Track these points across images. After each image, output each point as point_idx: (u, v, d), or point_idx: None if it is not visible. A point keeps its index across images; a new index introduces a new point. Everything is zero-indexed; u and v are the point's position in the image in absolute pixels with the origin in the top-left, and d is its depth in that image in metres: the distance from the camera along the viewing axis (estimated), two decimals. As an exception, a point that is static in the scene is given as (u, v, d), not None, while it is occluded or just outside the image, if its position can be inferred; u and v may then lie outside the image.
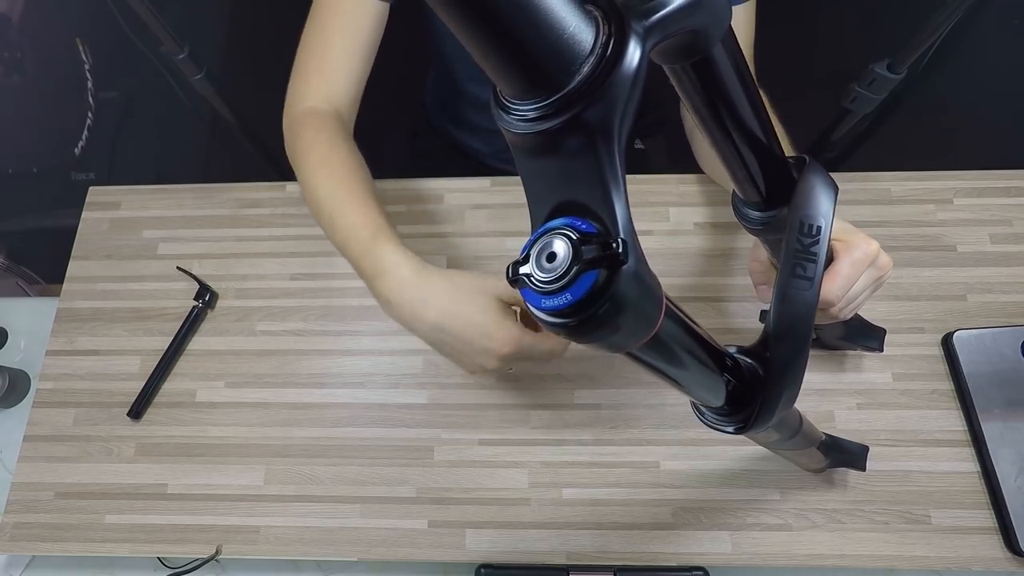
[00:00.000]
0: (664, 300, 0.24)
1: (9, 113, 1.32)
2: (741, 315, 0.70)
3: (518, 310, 0.51)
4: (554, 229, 0.22)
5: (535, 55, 0.19)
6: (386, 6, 0.63)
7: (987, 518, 0.61)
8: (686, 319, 0.28)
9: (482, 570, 0.61)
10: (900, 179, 0.75)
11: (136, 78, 1.40)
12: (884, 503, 0.62)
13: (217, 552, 0.64)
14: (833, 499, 0.62)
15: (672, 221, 0.75)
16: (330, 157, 0.57)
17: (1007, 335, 0.66)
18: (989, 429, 0.62)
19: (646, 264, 0.22)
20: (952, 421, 0.64)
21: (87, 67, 1.38)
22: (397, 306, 0.49)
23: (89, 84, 1.38)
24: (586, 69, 0.20)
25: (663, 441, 0.65)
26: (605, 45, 0.20)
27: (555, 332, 0.22)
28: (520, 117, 0.21)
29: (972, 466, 0.63)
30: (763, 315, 0.64)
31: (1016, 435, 0.62)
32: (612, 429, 0.66)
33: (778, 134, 0.59)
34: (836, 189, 0.38)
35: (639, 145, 1.04)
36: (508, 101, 0.21)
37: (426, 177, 0.81)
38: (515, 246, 0.75)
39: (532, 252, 0.22)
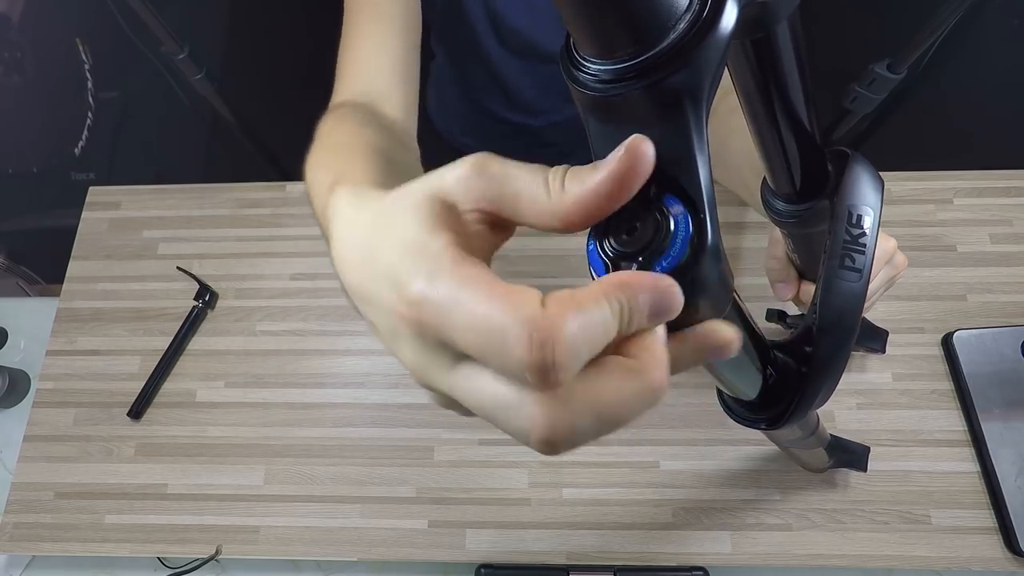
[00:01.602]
0: (733, 286, 0.23)
1: (9, 113, 1.33)
2: (752, 313, 0.70)
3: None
4: (641, 202, 0.20)
5: (632, 8, 0.17)
6: None
7: (987, 518, 0.61)
8: (745, 310, 0.27)
9: (482, 570, 0.61)
10: (900, 179, 0.75)
11: (136, 78, 1.41)
12: (884, 503, 0.62)
13: (217, 552, 0.64)
14: (833, 499, 0.62)
15: (672, 221, 0.75)
16: (329, 133, 0.46)
17: (1007, 335, 0.66)
18: (989, 429, 0.62)
19: (722, 243, 0.21)
20: (952, 421, 0.64)
21: (87, 67, 1.38)
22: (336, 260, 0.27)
23: (89, 84, 1.38)
24: (682, 27, 0.18)
25: (663, 441, 0.65)
26: (703, 4, 0.18)
27: None
28: (599, 78, 0.19)
29: (972, 466, 0.63)
30: (769, 313, 0.64)
31: (1016, 435, 0.62)
32: (612, 429, 0.66)
33: None
34: (883, 183, 0.37)
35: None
36: (585, 58, 0.19)
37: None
38: (515, 247, 0.75)
39: (611, 222, 0.20)
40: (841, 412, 0.65)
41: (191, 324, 0.73)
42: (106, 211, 0.81)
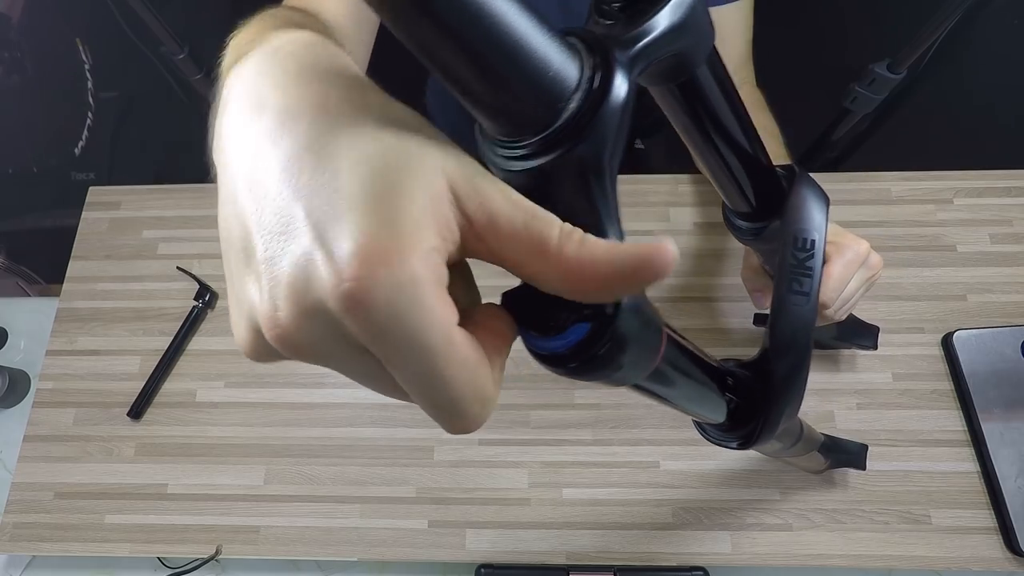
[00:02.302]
0: (664, 328, 0.23)
1: (9, 113, 1.33)
2: (739, 315, 0.70)
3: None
4: None
5: (519, 96, 0.18)
6: None
7: (987, 518, 0.61)
8: (684, 342, 0.27)
9: (482, 570, 0.61)
10: (900, 179, 0.75)
11: (136, 78, 1.40)
12: (884, 503, 0.62)
13: (217, 552, 0.64)
14: (833, 499, 0.62)
15: (671, 221, 0.75)
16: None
17: (1007, 335, 0.66)
18: (989, 429, 0.62)
19: (644, 294, 0.21)
20: (952, 421, 0.64)
21: (87, 67, 1.38)
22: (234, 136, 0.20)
23: (89, 84, 1.38)
24: (573, 106, 0.19)
25: (663, 441, 0.65)
26: (591, 79, 0.19)
27: (556, 373, 0.21)
28: (507, 156, 0.20)
29: (972, 466, 0.63)
30: (756, 317, 0.64)
31: (1016, 435, 0.62)
32: (612, 429, 0.66)
33: (774, 135, 0.59)
34: (827, 200, 0.38)
35: (639, 145, 1.04)
36: (494, 140, 0.21)
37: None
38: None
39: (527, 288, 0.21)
40: (841, 412, 0.65)
41: (191, 324, 0.73)
42: (106, 211, 0.81)
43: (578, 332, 0.20)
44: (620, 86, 0.19)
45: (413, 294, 0.15)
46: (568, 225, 0.18)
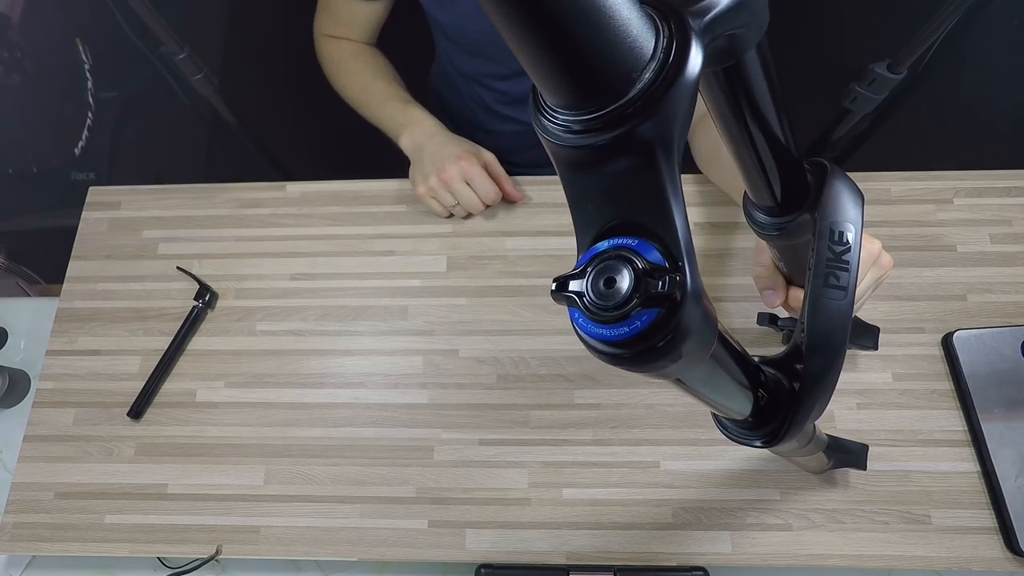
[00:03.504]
0: (717, 321, 0.22)
1: (9, 113, 1.32)
2: (741, 315, 0.70)
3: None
4: (617, 251, 0.20)
5: (595, 61, 0.17)
6: None
7: (987, 518, 0.61)
8: (729, 337, 0.26)
9: (482, 570, 0.61)
10: (900, 179, 0.75)
11: (136, 78, 1.40)
12: (884, 503, 0.62)
13: (217, 552, 0.64)
14: (833, 499, 0.62)
15: (672, 221, 0.75)
16: (355, 58, 0.82)
17: (1007, 335, 0.66)
18: (989, 429, 0.62)
19: (702, 285, 0.20)
20: (952, 421, 0.64)
21: (87, 67, 1.37)
22: (411, 141, 0.75)
23: (89, 84, 1.38)
24: (647, 76, 0.18)
25: (663, 441, 0.65)
26: (667, 50, 0.18)
27: (604, 360, 0.20)
28: (568, 129, 0.19)
29: (972, 466, 0.63)
30: (760, 317, 0.64)
31: (1016, 435, 0.62)
32: (612, 429, 0.66)
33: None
34: (863, 197, 0.37)
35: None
36: (554, 110, 0.19)
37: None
38: (515, 246, 0.75)
39: (589, 271, 0.20)
40: (841, 412, 0.65)
41: (191, 324, 0.73)
42: (106, 211, 0.81)
43: (645, 318, 0.19)
44: (696, 58, 0.18)
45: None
46: None
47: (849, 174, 0.81)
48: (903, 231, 0.72)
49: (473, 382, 0.69)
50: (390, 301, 0.74)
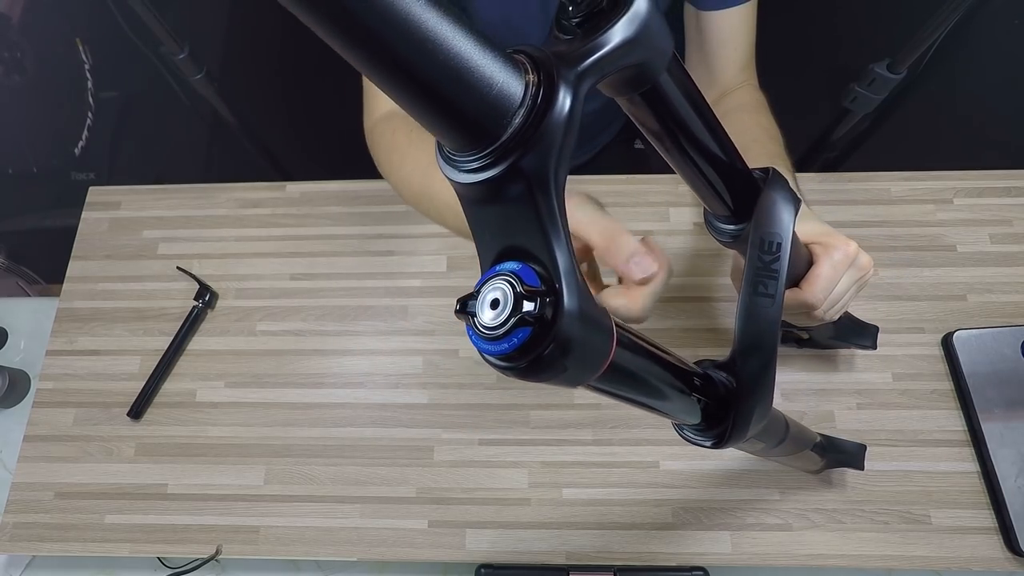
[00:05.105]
0: (615, 331, 0.24)
1: (9, 113, 1.32)
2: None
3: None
4: (501, 274, 0.22)
5: (467, 112, 0.20)
6: None
7: (987, 518, 0.61)
8: (646, 345, 0.28)
9: (482, 570, 0.61)
10: (900, 179, 0.75)
11: (136, 78, 1.40)
12: (884, 503, 0.62)
13: (217, 552, 0.64)
14: (833, 499, 0.62)
15: (671, 221, 0.75)
16: (410, 148, 0.62)
17: (1007, 335, 0.65)
18: (989, 429, 0.62)
19: (591, 300, 0.23)
20: (952, 421, 0.64)
21: (87, 67, 1.37)
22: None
23: (89, 84, 1.38)
24: (518, 120, 0.20)
25: (663, 441, 0.65)
26: (535, 96, 0.20)
27: (499, 372, 0.23)
28: (462, 168, 0.21)
29: (972, 466, 0.63)
30: None
31: (1016, 435, 0.62)
32: (612, 429, 0.66)
33: (774, 137, 0.59)
34: (797, 203, 0.38)
35: (639, 145, 1.04)
36: (451, 153, 0.22)
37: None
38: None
39: (481, 293, 0.22)
40: (841, 412, 0.65)
41: (191, 324, 0.73)
42: (106, 211, 0.81)
43: (520, 335, 0.21)
44: (563, 100, 0.21)
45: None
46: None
47: (849, 174, 0.81)
48: (903, 231, 0.72)
49: (473, 382, 0.69)
50: (390, 301, 0.74)
